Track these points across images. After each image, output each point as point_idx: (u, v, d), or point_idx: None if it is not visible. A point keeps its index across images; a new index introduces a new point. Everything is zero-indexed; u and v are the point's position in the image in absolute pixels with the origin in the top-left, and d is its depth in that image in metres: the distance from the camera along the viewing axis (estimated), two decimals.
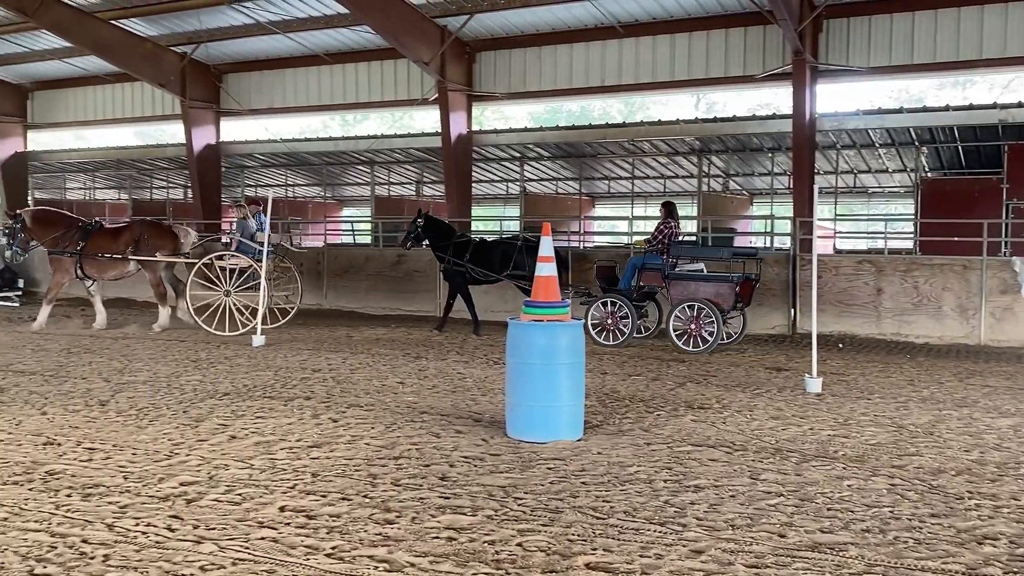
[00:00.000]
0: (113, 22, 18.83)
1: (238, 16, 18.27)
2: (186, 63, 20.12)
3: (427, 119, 25.77)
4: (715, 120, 18.91)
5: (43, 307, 13.67)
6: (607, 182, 25.66)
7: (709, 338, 11.42)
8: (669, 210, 12.53)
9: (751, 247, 13.59)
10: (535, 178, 25.20)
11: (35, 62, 22.58)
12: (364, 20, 16.64)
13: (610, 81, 17.18)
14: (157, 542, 4.16)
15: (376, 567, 3.90)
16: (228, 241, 14.41)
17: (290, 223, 23.56)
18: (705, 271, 12.40)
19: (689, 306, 11.62)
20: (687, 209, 26.98)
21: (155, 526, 4.38)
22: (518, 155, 22.36)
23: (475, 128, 19.07)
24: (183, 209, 27.24)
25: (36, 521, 4.44)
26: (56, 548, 4.06)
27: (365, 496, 4.94)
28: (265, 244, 12.66)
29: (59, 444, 6.11)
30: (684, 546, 4.21)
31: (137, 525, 4.40)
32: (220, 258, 13.48)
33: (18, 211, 14.02)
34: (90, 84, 23.53)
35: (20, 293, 18.02)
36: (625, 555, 4.07)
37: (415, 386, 8.72)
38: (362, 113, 31.92)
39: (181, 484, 5.13)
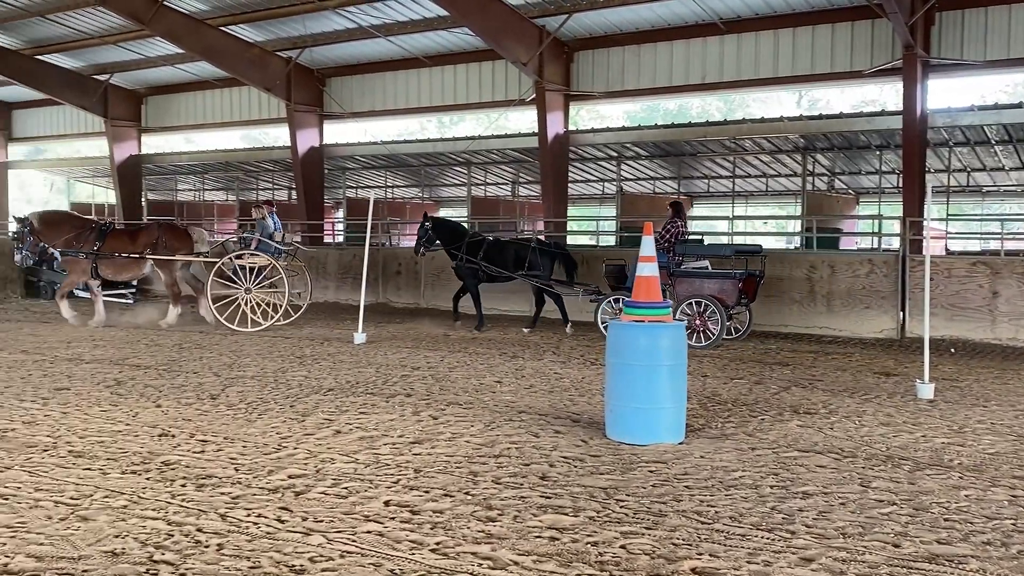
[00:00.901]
0: (223, 28, 19.51)
1: (341, 20, 18.70)
2: (291, 67, 20.70)
3: (523, 120, 25.86)
4: (820, 117, 18.43)
5: (59, 303, 13.97)
6: (706, 181, 25.28)
7: (713, 333, 11.72)
8: (676, 210, 12.84)
9: (754, 245, 14.04)
10: (632, 177, 25.02)
11: (149, 68, 23.58)
12: (463, 22, 16.82)
13: (711, 79, 16.92)
14: (268, 533, 4.28)
15: (480, 564, 3.93)
16: (246, 240, 14.63)
17: (389, 223, 24.00)
18: (710, 268, 12.64)
19: (695, 302, 11.93)
20: (790, 208, 26.37)
21: (265, 517, 4.51)
22: (615, 154, 22.23)
23: (571, 128, 19.04)
24: (287, 209, 28.06)
25: (154, 510, 4.62)
26: (173, 536, 4.22)
27: (467, 493, 4.98)
28: (257, 245, 13.35)
29: (173, 436, 6.36)
30: (793, 553, 4.10)
31: (248, 516, 4.54)
32: (239, 257, 13.83)
33: (26, 215, 14.10)
34: (200, 89, 24.45)
35: (134, 291, 18.81)
36: (732, 561, 3.99)
37: (512, 385, 8.76)
38: (458, 115, 32.25)
39: (289, 477, 5.27)
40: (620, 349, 6.38)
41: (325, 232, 24.37)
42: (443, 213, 32.32)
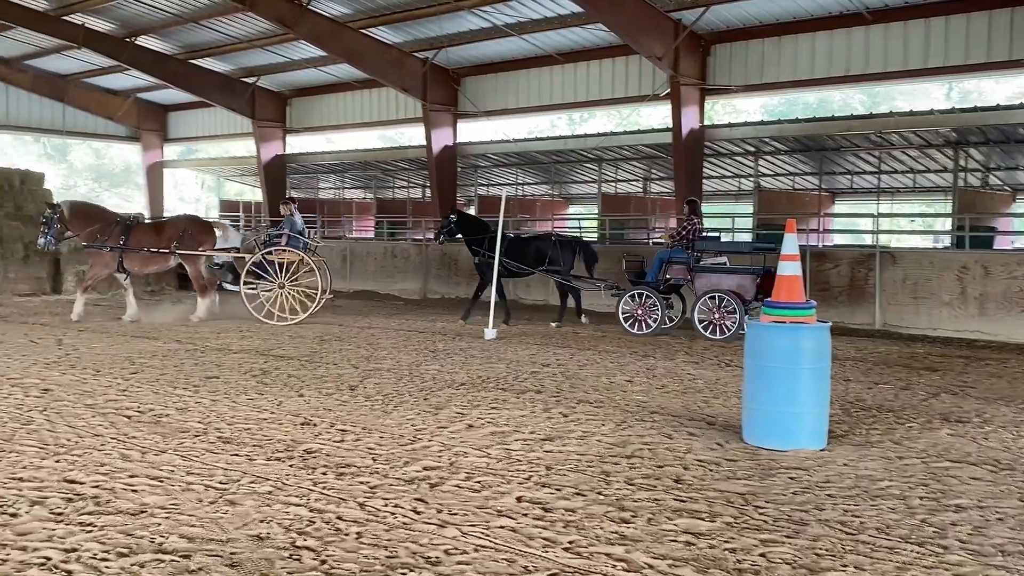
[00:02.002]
0: (363, 31, 20.10)
1: (476, 20, 18.94)
2: (427, 68, 21.12)
3: (656, 115, 25.52)
4: (975, 110, 17.41)
5: (78, 296, 13.95)
6: (850, 177, 24.29)
7: (731, 328, 12.07)
8: (693, 208, 13.39)
9: (770, 242, 13.80)
10: (770, 173, 24.31)
11: (293, 71, 24.54)
12: (598, 18, 16.74)
13: (855, 70, 16.25)
14: (404, 523, 4.37)
15: (614, 565, 3.88)
16: (272, 236, 14.76)
17: (520, 221, 24.16)
18: (728, 264, 12.97)
19: (712, 297, 12.32)
20: (940, 206, 25.05)
21: (402, 508, 4.60)
22: (752, 150, 21.65)
23: (706, 123, 18.66)
24: (421, 207, 28.66)
25: (296, 496, 4.79)
26: (314, 523, 4.36)
27: (599, 493, 4.94)
28: (287, 240, 13.75)
29: (315, 425, 6.58)
30: (946, 570, 3.87)
31: (386, 506, 4.64)
32: (270, 253, 14.04)
33: (57, 203, 14.15)
34: (340, 91, 25.27)
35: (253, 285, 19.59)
36: (879, 574, 3.80)
37: (644, 385, 8.64)
38: (590, 111, 32.13)
39: (424, 468, 5.36)
40: (759, 350, 6.19)
41: None
42: (573, 210, 32.31)
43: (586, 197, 30.36)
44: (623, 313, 12.91)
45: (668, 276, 13.03)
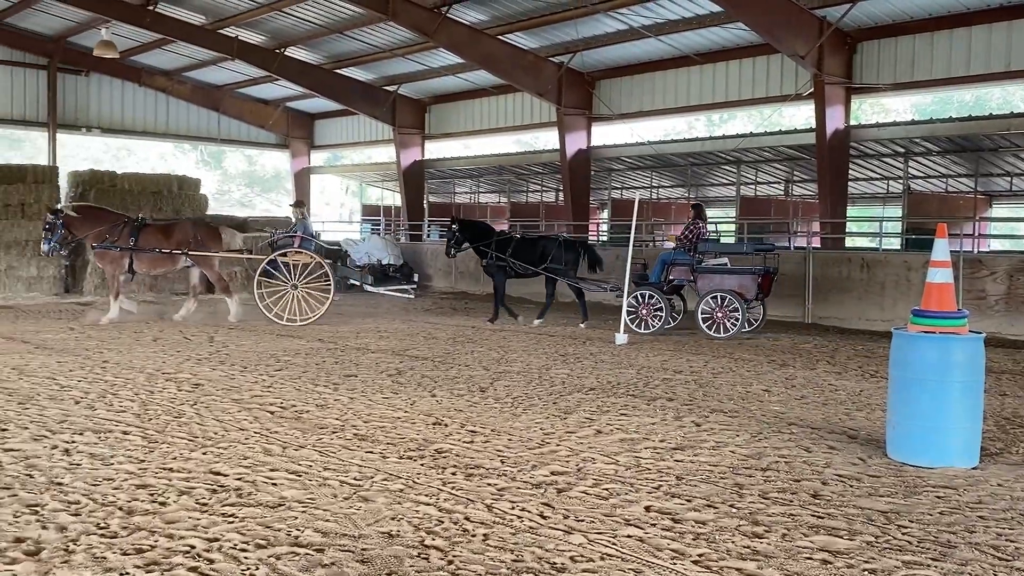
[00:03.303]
0: (500, 37, 20.33)
1: (612, 23, 18.85)
2: (562, 72, 21.16)
3: (798, 115, 24.71)
4: None
5: (112, 303, 13.74)
6: (1008, 179, 22.82)
7: (733, 326, 12.61)
8: (698, 212, 13.84)
9: (769, 243, 15.26)
10: (921, 175, 23.12)
11: (432, 79, 25.10)
12: (738, 16, 16.36)
13: (1017, 65, 15.23)
14: (531, 527, 4.36)
15: None
16: (277, 238, 14.83)
17: (654, 224, 23.87)
18: (729, 265, 13.43)
19: (715, 296, 12.79)
20: None
21: (529, 512, 4.60)
22: (902, 150, 20.65)
23: (852, 123, 17.92)
24: (554, 211, 28.76)
25: (426, 495, 4.86)
26: (443, 523, 4.41)
27: (731, 506, 4.80)
28: (300, 243, 13.87)
29: (446, 425, 6.68)
30: None
31: (513, 508, 4.65)
32: (284, 254, 14.06)
33: (59, 207, 13.95)
34: (477, 97, 25.65)
35: (415, 286, 20.04)
36: None
37: (782, 395, 8.36)
38: (728, 112, 31.45)
39: (552, 473, 5.35)
40: (906, 362, 5.87)
41: (589, 232, 24.70)
42: (711, 213, 31.69)
43: (724, 200, 29.72)
44: (628, 312, 13.16)
45: (671, 277, 13.53)
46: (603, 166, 25.49)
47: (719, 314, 12.75)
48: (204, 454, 5.64)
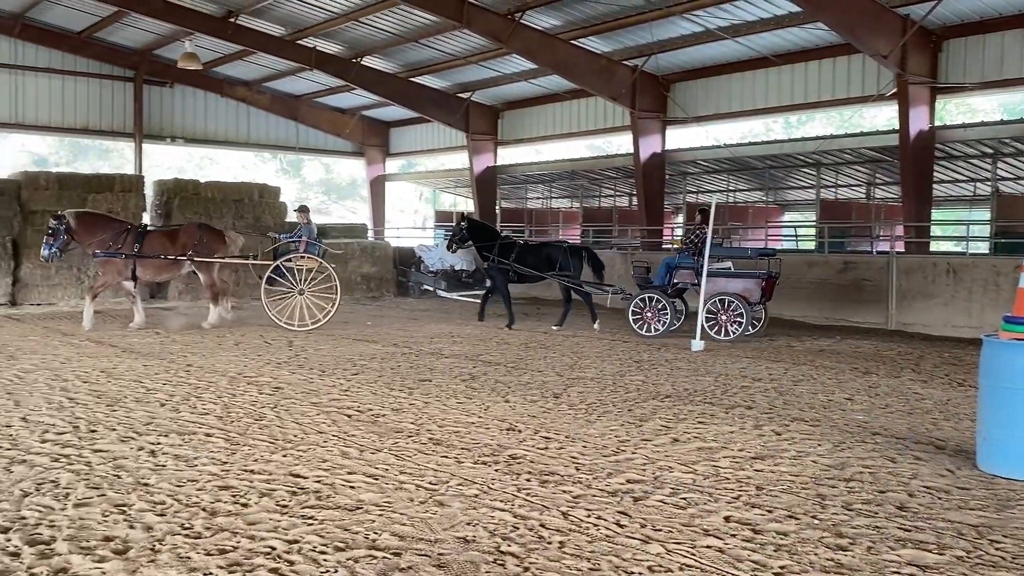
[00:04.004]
0: (573, 42, 20.30)
1: (687, 25, 18.65)
2: (636, 75, 21.01)
3: (880, 116, 24.09)
4: None
5: (87, 305, 13.48)
6: None
7: (737, 329, 12.82)
8: (704, 216, 13.69)
9: (771, 248, 16.01)
10: (1011, 176, 22.28)
11: (505, 85, 25.18)
12: (818, 16, 16.02)
13: None
14: (607, 536, 4.32)
15: None
16: (281, 242, 14.78)
17: (730, 228, 23.53)
18: (733, 268, 13.83)
19: (720, 300, 12.95)
20: None
21: (605, 520, 4.56)
22: (990, 151, 19.93)
23: (937, 123, 17.37)
24: (627, 215, 28.56)
25: (501, 501, 4.86)
26: (518, 529, 4.41)
27: (814, 517, 4.68)
28: (306, 247, 13.97)
29: (519, 431, 6.67)
30: None
31: (588, 516, 4.61)
32: (289, 260, 14.01)
33: (61, 212, 13.71)
34: (549, 102, 25.65)
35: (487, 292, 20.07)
36: None
37: (865, 404, 8.13)
38: (807, 114, 30.83)
39: (628, 481, 5.29)
40: (997, 370, 5.65)
41: (664, 237, 24.45)
42: (788, 217, 31.09)
43: (803, 203, 29.12)
44: (633, 315, 13.56)
45: (676, 280, 13.79)
46: (678, 170, 25.21)
47: (723, 317, 12.97)
48: (284, 456, 5.75)
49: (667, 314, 13.37)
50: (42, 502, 4.68)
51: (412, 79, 25.73)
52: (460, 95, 26.52)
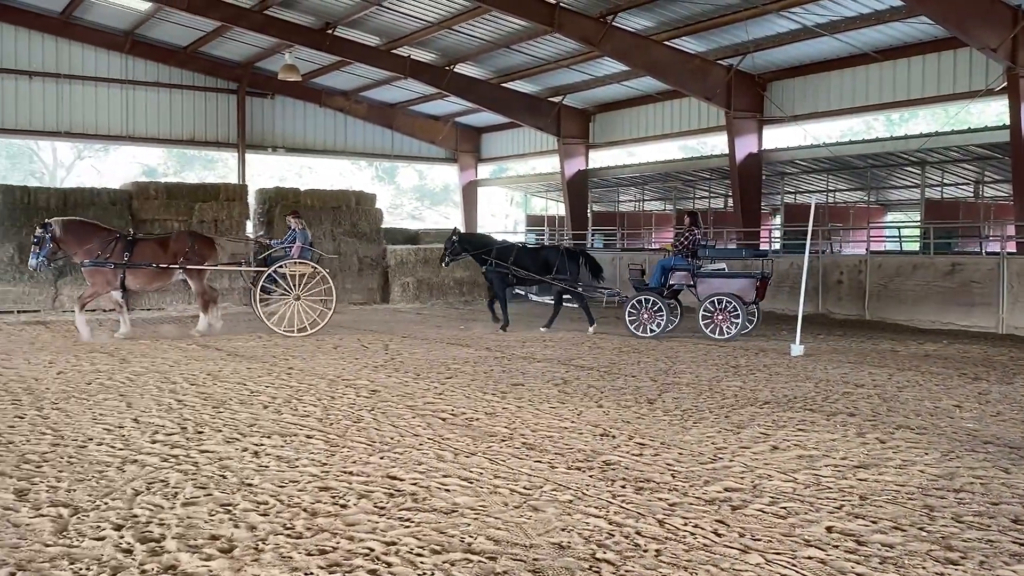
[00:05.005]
0: (666, 43, 20.09)
1: (784, 23, 18.24)
2: (731, 75, 20.66)
3: (987, 112, 23.09)
4: None
5: (77, 315, 13.12)
6: None
7: (732, 329, 13.23)
8: (693, 219, 14.47)
9: (762, 249, 16.25)
10: None
11: (596, 88, 25.09)
12: (922, 10, 15.45)
13: None
14: (704, 545, 4.25)
15: None
16: (270, 248, 14.66)
17: (830, 229, 22.90)
18: (727, 269, 14.35)
19: (716, 300, 13.39)
20: None
21: (702, 528, 4.48)
22: None
23: None
24: (723, 217, 28.10)
25: (596, 507, 4.83)
26: (613, 536, 4.37)
27: (921, 528, 4.50)
28: (299, 253, 13.86)
29: (613, 436, 6.62)
30: None
31: (685, 525, 4.54)
32: (283, 265, 13.84)
33: (48, 221, 13.31)
34: (641, 104, 25.45)
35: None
36: None
37: (975, 411, 7.79)
38: (909, 111, 29.78)
39: (726, 489, 5.19)
40: None
41: (761, 240, 23.95)
42: (891, 217, 30.09)
43: (907, 203, 28.15)
44: (630, 317, 13.87)
45: (672, 282, 14.04)
46: (775, 170, 24.69)
47: (719, 316, 13.37)
48: (381, 459, 5.85)
49: (663, 315, 13.67)
50: (152, 501, 4.87)
51: (503, 84, 25.89)
52: (551, 99, 26.55)
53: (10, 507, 4.73)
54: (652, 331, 13.68)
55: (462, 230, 21.47)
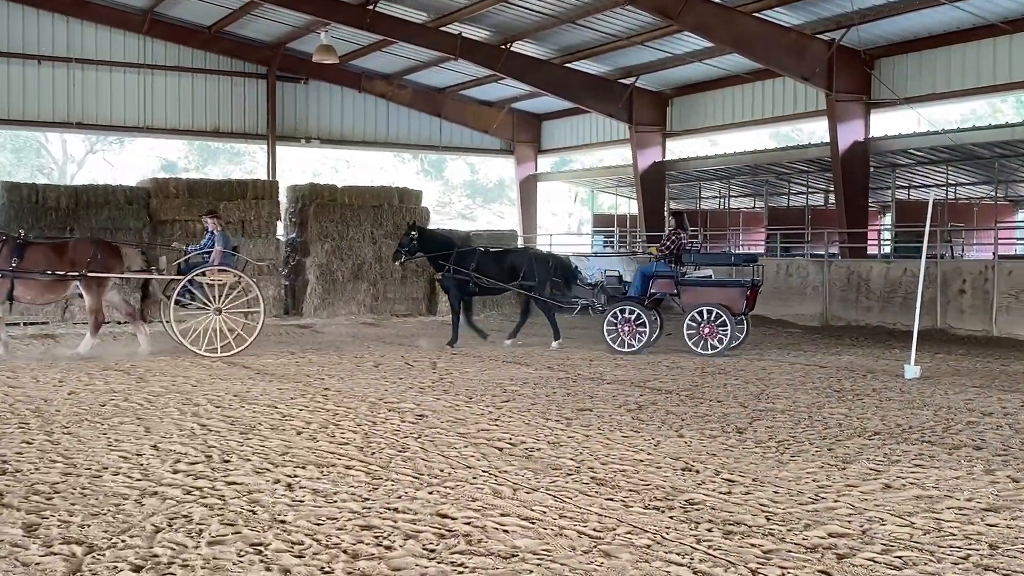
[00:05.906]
0: (755, 15, 19.93)
1: None
2: (833, 51, 20.41)
3: None
4: None
5: None
6: None
7: (720, 343, 13.50)
8: (679, 220, 14.79)
9: (752, 253, 16.69)
10: None
11: (675, 67, 25.00)
12: None
13: None
14: None
15: None
16: (189, 254, 14.30)
17: (951, 230, 22.47)
18: (713, 277, 14.75)
19: (703, 311, 13.64)
20: None
21: None
22: None
23: None
24: (822, 216, 27.76)
25: (678, 554, 4.80)
26: None
27: None
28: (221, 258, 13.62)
29: (697, 471, 6.58)
30: None
31: (783, 575, 4.49)
32: (202, 274, 13.54)
33: None
34: (726, 85, 25.29)
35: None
36: None
37: None
38: None
39: (829, 535, 5.12)
40: None
41: (869, 242, 23.58)
42: (1023, 216, 29.39)
43: None
44: (608, 330, 14.03)
45: (653, 291, 14.24)
46: (885, 161, 24.32)
47: (705, 329, 13.63)
48: (430, 494, 5.88)
49: (645, 328, 13.84)
50: (175, 539, 4.97)
51: (567, 65, 25.95)
52: (622, 81, 26.53)
53: (18, 544, 4.86)
54: (631, 346, 13.89)
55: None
